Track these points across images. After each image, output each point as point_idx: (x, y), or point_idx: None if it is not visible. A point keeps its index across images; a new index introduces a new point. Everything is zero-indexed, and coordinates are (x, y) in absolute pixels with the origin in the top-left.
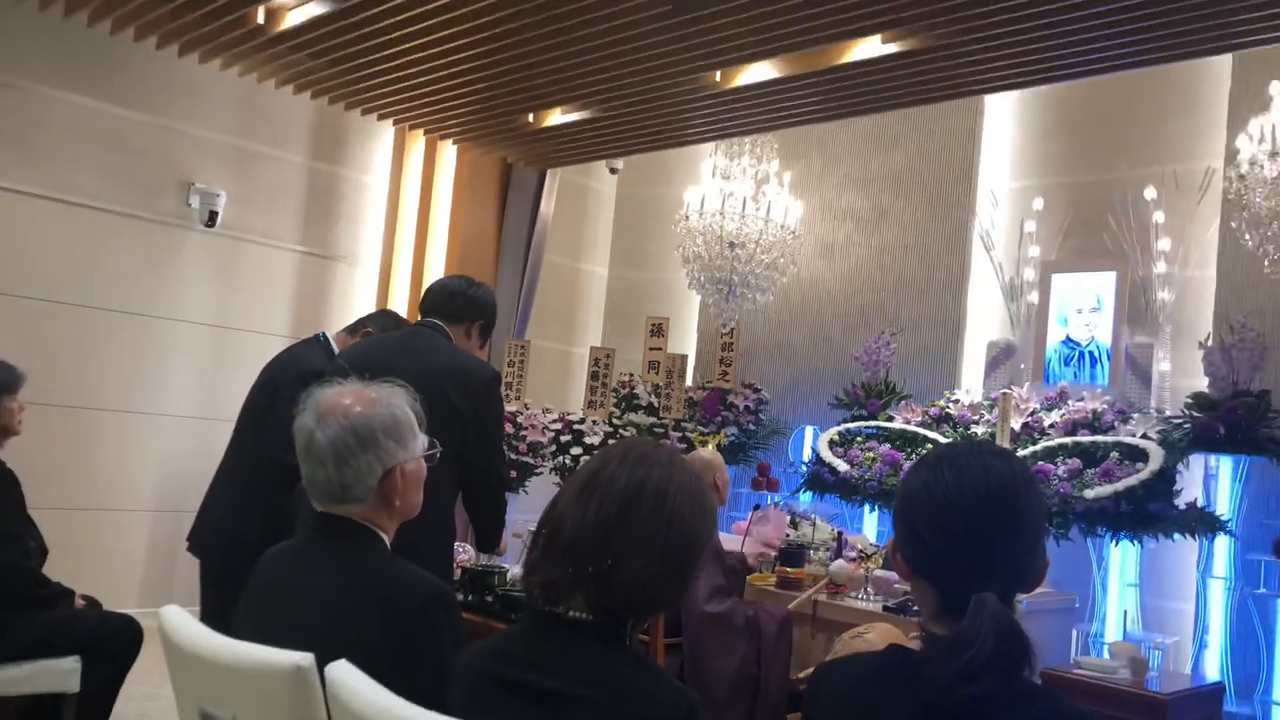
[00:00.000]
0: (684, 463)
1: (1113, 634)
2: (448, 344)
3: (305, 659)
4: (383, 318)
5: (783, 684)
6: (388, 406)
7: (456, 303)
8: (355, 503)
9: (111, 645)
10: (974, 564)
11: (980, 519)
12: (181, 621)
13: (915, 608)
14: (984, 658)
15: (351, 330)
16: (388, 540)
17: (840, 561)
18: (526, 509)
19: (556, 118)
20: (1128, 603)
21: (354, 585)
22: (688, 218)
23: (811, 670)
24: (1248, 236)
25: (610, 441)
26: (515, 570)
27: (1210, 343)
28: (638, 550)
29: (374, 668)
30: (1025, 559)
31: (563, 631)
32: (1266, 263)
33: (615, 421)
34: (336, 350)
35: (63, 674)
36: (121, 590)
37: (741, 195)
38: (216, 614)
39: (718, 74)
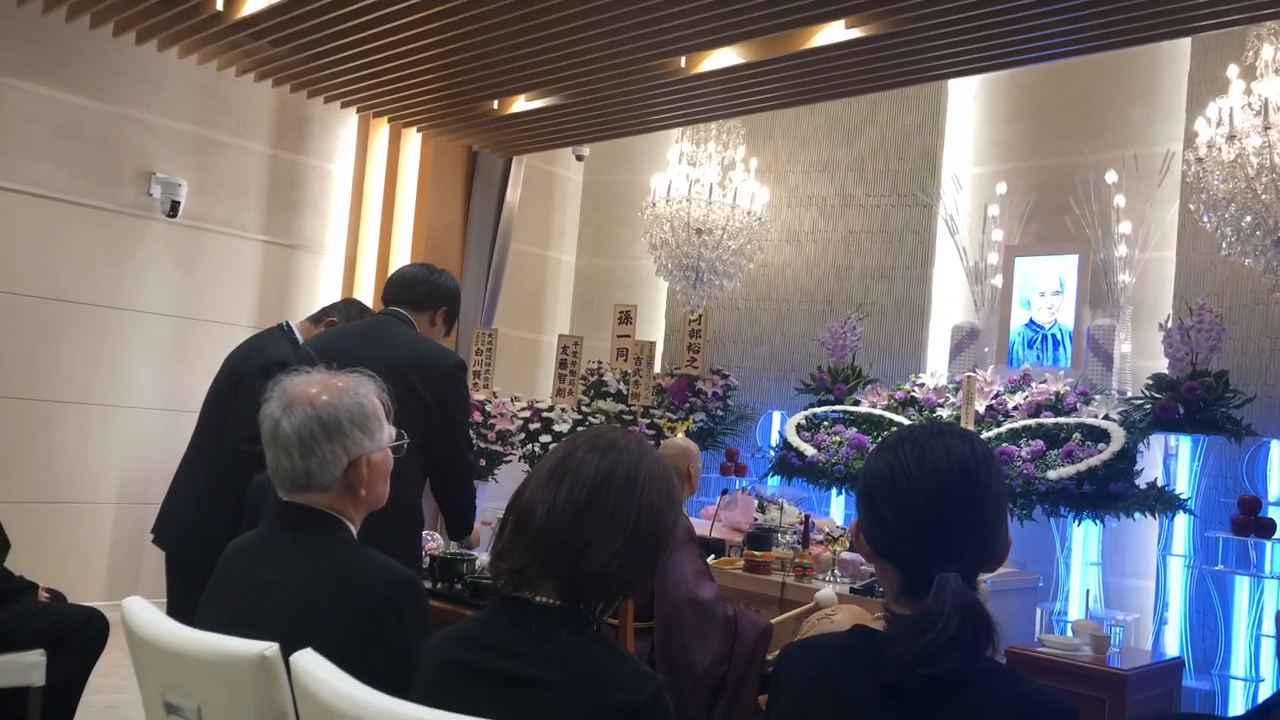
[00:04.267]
0: (651, 449)
1: (1076, 612)
2: (411, 332)
3: (270, 649)
4: (346, 306)
5: (750, 699)
6: (355, 396)
7: (419, 290)
8: (320, 491)
9: (77, 638)
10: (936, 544)
11: (942, 499)
12: (144, 612)
13: (882, 589)
14: (947, 637)
15: (315, 319)
16: (354, 530)
17: (828, 590)
18: (496, 497)
19: (521, 104)
20: (1090, 581)
21: (319, 574)
22: (654, 204)
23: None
24: (1206, 219)
25: (579, 429)
26: (484, 558)
27: (1169, 324)
28: (607, 536)
29: (340, 657)
30: (987, 539)
31: (530, 617)
32: (1224, 245)
33: (584, 409)
34: (300, 339)
35: (27, 667)
36: (87, 583)
37: (708, 181)
38: (184, 605)
39: (682, 60)
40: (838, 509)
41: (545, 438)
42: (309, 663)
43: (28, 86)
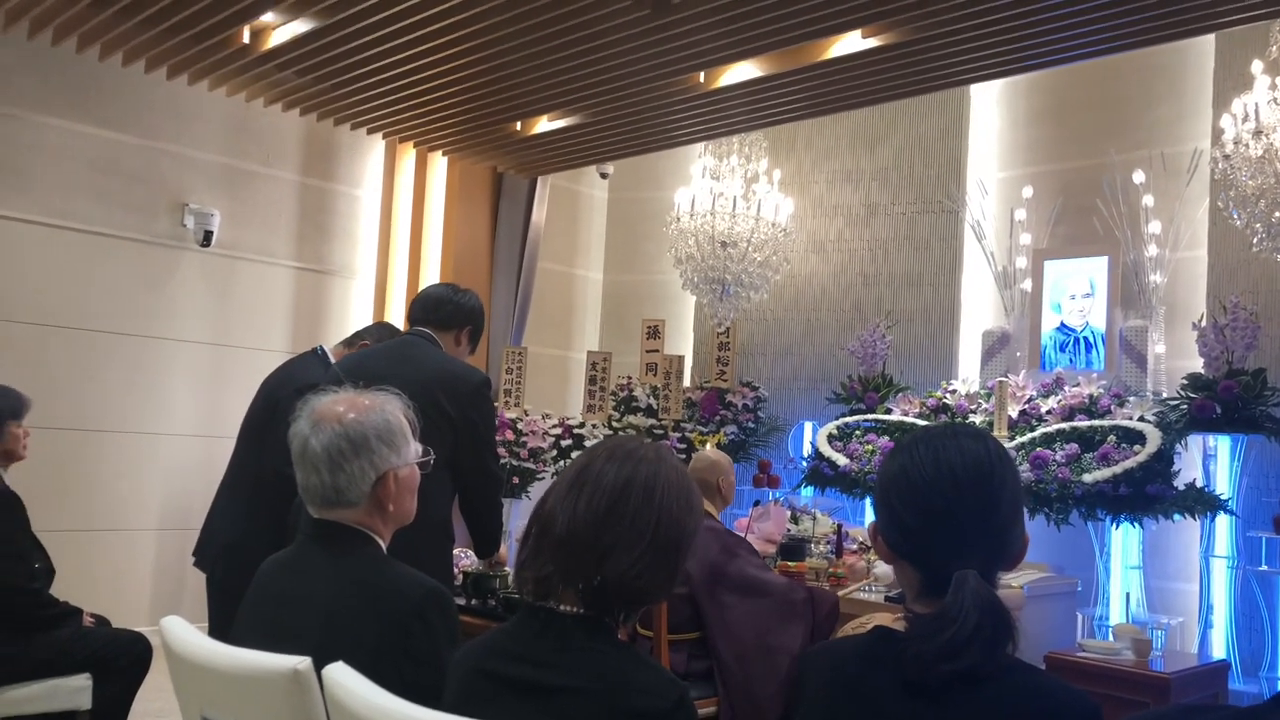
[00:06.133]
0: (671, 458)
1: (1117, 617)
2: (437, 352)
3: (303, 662)
4: (379, 330)
5: None
6: (381, 413)
7: (444, 310)
8: (349, 507)
9: (121, 661)
10: (953, 543)
11: (957, 499)
12: (181, 631)
13: None
14: (966, 634)
15: (349, 343)
16: (384, 545)
17: (884, 565)
18: (529, 514)
19: (544, 125)
20: (1131, 585)
21: (350, 589)
22: (679, 219)
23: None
24: (1235, 216)
25: None
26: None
27: (1204, 323)
28: (627, 544)
29: (372, 669)
30: (1004, 537)
31: (554, 626)
32: (1254, 241)
33: (615, 424)
34: (333, 362)
35: (73, 692)
36: (132, 609)
37: (732, 195)
38: (226, 626)
39: (701, 75)
40: (871, 518)
41: (577, 454)
42: (341, 675)
43: (63, 124)
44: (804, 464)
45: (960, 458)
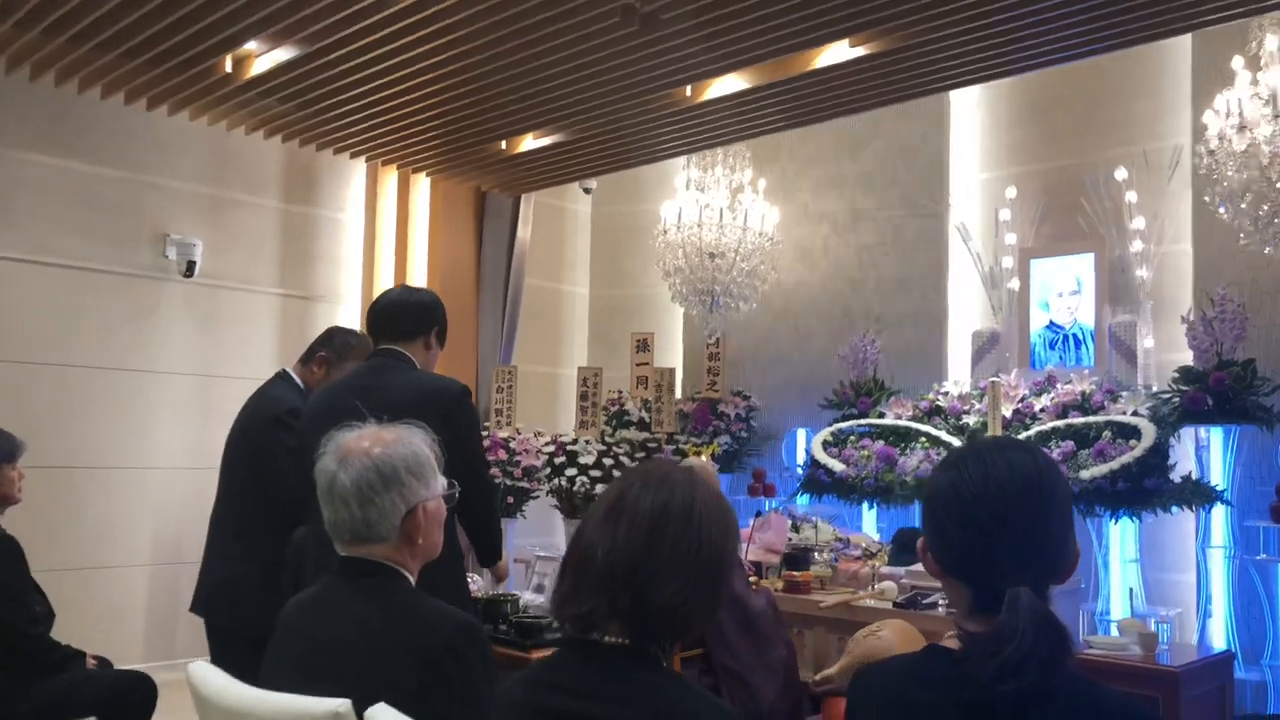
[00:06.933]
0: (704, 480)
1: (1118, 611)
2: (408, 371)
3: (343, 705)
4: (334, 339)
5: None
6: (409, 445)
7: (408, 318)
8: (379, 542)
9: (127, 700)
10: (1004, 559)
11: (1008, 514)
12: (210, 675)
13: (925, 601)
14: (1024, 652)
15: (305, 360)
16: (412, 580)
17: (890, 583)
18: (525, 533)
19: (529, 143)
20: (1131, 579)
21: (381, 626)
22: (666, 232)
23: (830, 671)
24: (1223, 210)
25: (604, 460)
26: (527, 596)
27: (1192, 316)
28: (670, 573)
29: (409, 707)
30: (1055, 550)
31: (600, 657)
32: (1242, 235)
33: (608, 440)
34: (300, 382)
35: None
36: (126, 647)
37: (717, 206)
38: (228, 668)
39: (688, 89)
40: (870, 523)
41: (571, 471)
42: (384, 716)
43: (43, 159)
44: (800, 471)
45: (1009, 472)
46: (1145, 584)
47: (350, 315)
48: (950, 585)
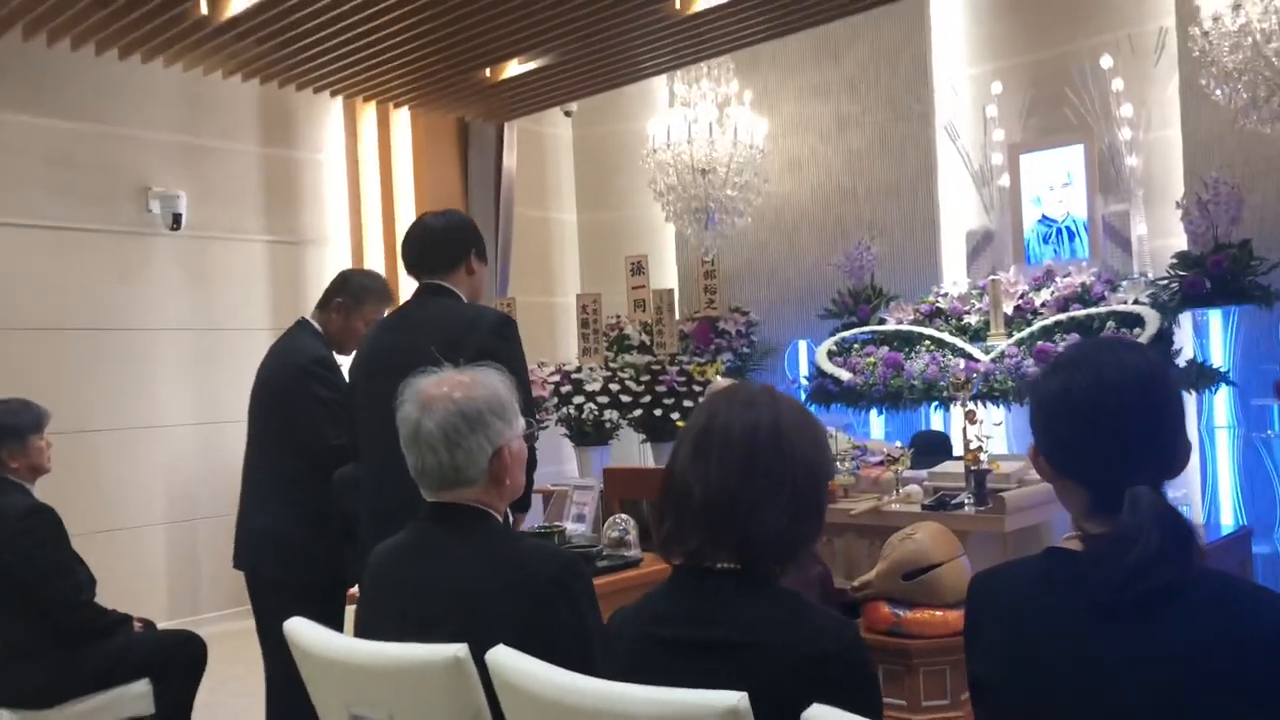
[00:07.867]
0: (785, 397)
1: None
2: (448, 304)
3: (460, 649)
4: (349, 281)
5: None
6: (488, 387)
7: (436, 249)
8: (468, 485)
9: (178, 662)
10: (1121, 459)
11: (1123, 414)
12: (311, 631)
13: (953, 502)
14: (1152, 551)
15: (323, 306)
16: (499, 520)
17: (915, 486)
18: (539, 463)
19: (514, 69)
20: None
21: (483, 567)
22: (655, 151)
23: (868, 576)
24: (1219, 92)
25: (611, 385)
26: (570, 527)
27: (1186, 201)
28: (769, 497)
29: (520, 645)
30: (1170, 446)
31: (712, 583)
32: (1239, 116)
33: (611, 365)
34: (320, 329)
35: (135, 698)
36: (149, 606)
37: (706, 120)
38: (273, 621)
39: (677, 1)
40: (878, 429)
41: (578, 399)
42: (509, 658)
43: (14, 118)
44: (805, 382)
45: (1122, 373)
46: None
47: (340, 257)
48: (1065, 488)
